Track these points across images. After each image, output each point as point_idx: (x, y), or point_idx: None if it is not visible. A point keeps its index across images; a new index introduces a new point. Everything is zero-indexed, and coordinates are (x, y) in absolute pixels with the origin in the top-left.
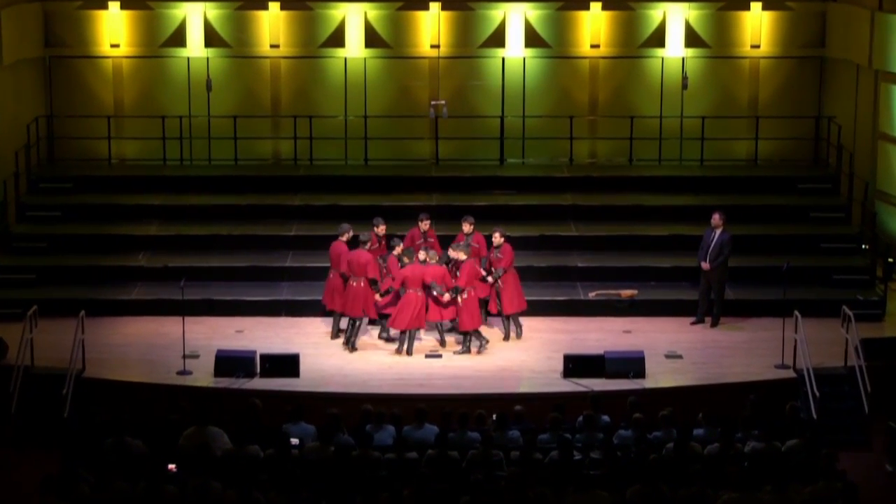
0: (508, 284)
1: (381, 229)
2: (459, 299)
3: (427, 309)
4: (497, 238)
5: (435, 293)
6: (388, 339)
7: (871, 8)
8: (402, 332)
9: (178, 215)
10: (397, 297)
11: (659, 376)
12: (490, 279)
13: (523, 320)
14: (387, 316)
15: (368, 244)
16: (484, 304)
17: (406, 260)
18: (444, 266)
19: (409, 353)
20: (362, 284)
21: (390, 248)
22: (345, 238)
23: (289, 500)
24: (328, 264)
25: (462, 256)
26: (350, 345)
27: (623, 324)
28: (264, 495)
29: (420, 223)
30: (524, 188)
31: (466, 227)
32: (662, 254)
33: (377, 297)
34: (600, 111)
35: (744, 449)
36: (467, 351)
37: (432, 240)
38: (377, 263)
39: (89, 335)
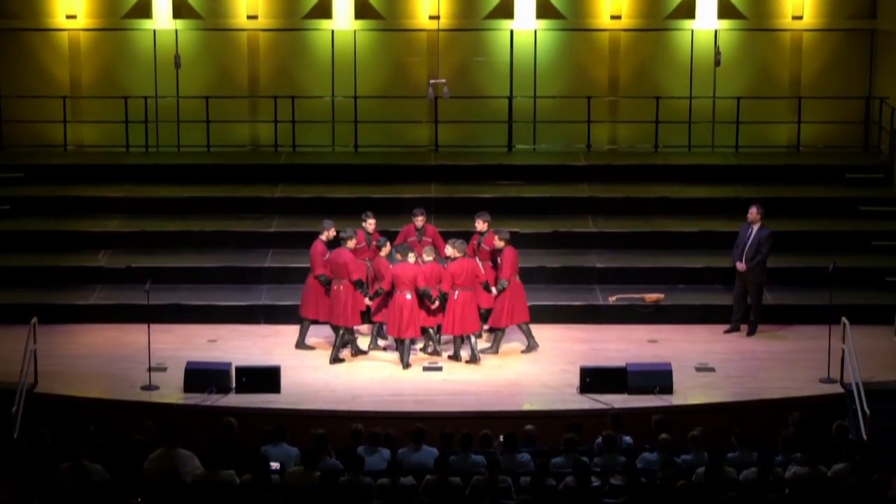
0: (512, 293)
1: (370, 224)
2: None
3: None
4: (496, 241)
5: (421, 293)
6: (383, 349)
7: None
8: (398, 342)
9: (143, 209)
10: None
11: (688, 392)
12: (494, 291)
13: (532, 328)
14: (378, 323)
15: (353, 242)
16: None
17: (399, 257)
18: (441, 266)
19: (405, 365)
20: (342, 288)
21: (378, 248)
22: (325, 237)
23: None
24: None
25: (456, 254)
26: (335, 358)
27: (647, 332)
28: None
29: (414, 219)
30: (535, 178)
31: (480, 226)
32: (692, 253)
33: (367, 300)
34: (622, 91)
35: (784, 474)
36: (473, 359)
37: (428, 238)
38: (362, 263)
39: (42, 345)
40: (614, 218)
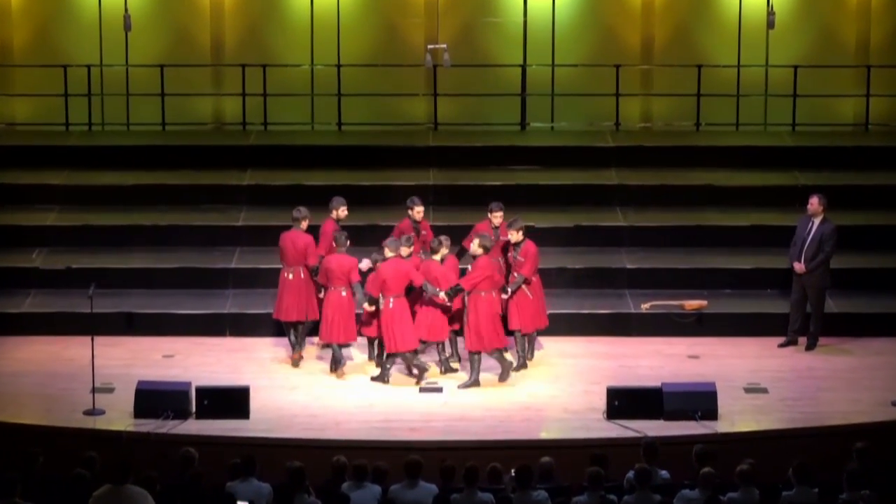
0: (532, 295)
1: (417, 212)
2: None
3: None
4: (515, 234)
5: (429, 294)
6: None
7: None
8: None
9: (86, 199)
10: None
11: (736, 417)
12: (509, 290)
13: (548, 340)
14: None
15: (305, 223)
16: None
17: (390, 254)
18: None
19: (384, 380)
20: (295, 276)
21: (432, 249)
22: (335, 216)
23: None
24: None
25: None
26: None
27: (687, 346)
28: None
29: (411, 211)
30: (553, 162)
31: (418, 213)
32: (741, 251)
33: (365, 306)
34: (656, 58)
35: None
36: (475, 382)
37: (425, 232)
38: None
39: None
40: (648, 210)
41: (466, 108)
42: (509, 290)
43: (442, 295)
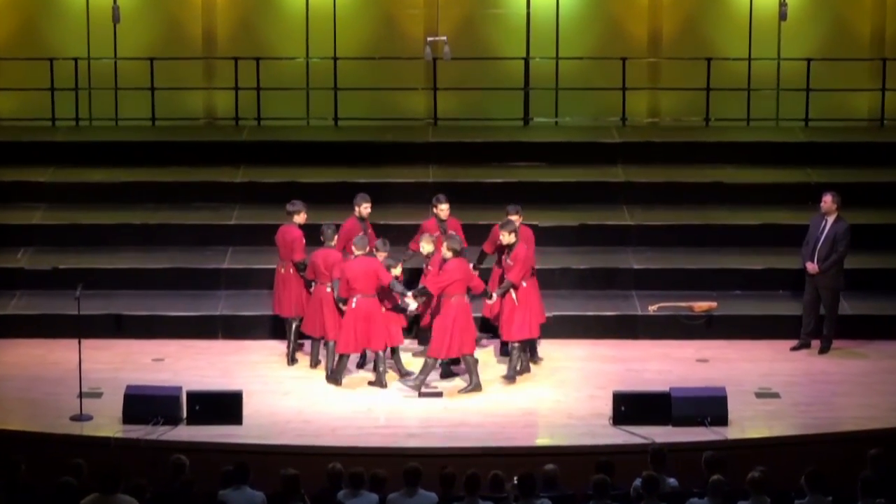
0: (527, 299)
1: (443, 210)
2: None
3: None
4: (507, 236)
5: (397, 293)
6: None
7: None
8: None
9: (73, 197)
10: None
11: (746, 423)
12: (494, 296)
13: (552, 343)
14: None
15: (297, 217)
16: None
17: (358, 252)
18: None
19: (381, 384)
20: (285, 271)
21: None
22: (357, 213)
23: None
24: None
25: (447, 254)
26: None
27: (696, 349)
28: None
29: (436, 209)
30: (557, 159)
31: (442, 211)
32: (751, 251)
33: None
34: (664, 51)
35: None
36: (476, 387)
37: (453, 232)
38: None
39: None
40: (655, 208)
41: (467, 103)
42: (495, 295)
43: (409, 297)
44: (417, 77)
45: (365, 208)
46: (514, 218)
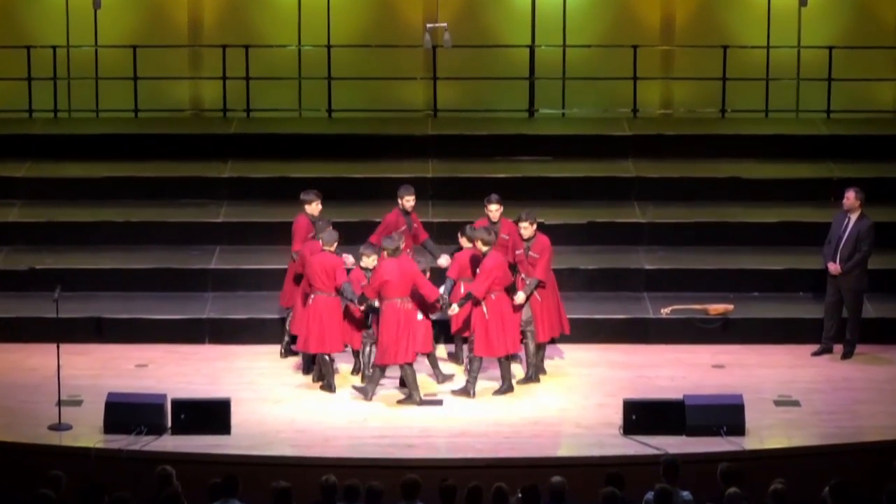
0: (546, 299)
1: (494, 212)
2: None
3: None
4: (528, 228)
5: (346, 296)
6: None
7: None
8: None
9: (51, 193)
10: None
11: (765, 433)
12: (522, 295)
13: (559, 348)
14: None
15: (307, 207)
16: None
17: (326, 248)
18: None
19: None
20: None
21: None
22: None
23: None
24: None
25: (481, 247)
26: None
27: (712, 354)
28: None
29: (402, 200)
30: (564, 153)
31: (493, 212)
32: (770, 251)
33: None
34: (678, 38)
35: None
36: (508, 388)
37: (416, 225)
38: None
39: None
40: (668, 205)
41: (469, 93)
42: (522, 296)
43: (357, 301)
44: (416, 66)
45: (408, 201)
46: (496, 209)
